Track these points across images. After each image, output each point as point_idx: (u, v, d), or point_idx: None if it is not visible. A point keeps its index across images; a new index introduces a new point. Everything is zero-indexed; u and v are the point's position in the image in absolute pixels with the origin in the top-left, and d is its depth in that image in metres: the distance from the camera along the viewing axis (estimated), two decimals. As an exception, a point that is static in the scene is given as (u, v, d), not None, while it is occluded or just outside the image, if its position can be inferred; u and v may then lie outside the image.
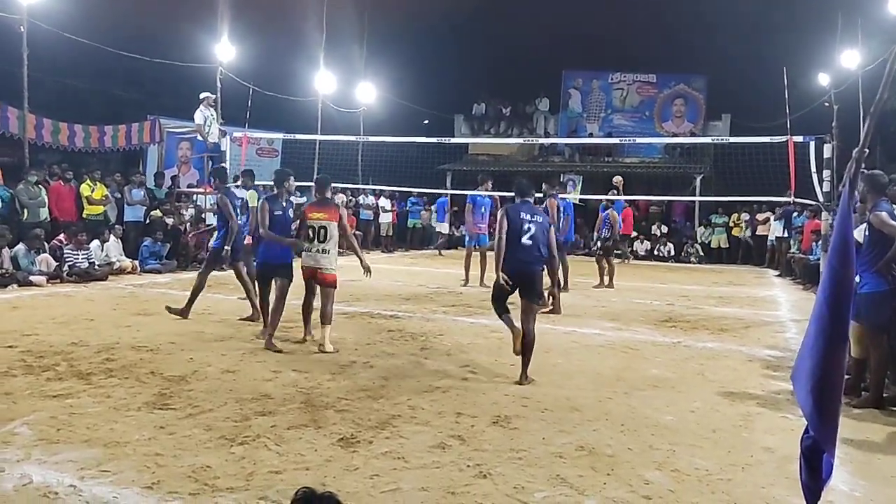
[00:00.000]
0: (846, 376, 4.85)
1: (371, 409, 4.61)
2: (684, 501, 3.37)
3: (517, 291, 5.56)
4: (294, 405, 4.64)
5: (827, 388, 1.67)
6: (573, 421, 4.55)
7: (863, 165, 1.72)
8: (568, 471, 3.69)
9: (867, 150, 1.73)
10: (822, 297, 1.71)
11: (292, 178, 7.08)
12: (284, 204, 6.83)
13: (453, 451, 3.91)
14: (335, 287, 6.56)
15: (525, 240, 5.46)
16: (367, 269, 6.55)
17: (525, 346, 5.44)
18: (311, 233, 6.43)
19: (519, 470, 3.68)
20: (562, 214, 10.12)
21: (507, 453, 3.91)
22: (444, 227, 18.61)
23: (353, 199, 18.35)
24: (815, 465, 1.75)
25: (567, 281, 10.59)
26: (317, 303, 6.64)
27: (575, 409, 4.79)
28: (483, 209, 11.57)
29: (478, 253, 11.47)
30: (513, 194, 6.01)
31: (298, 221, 6.79)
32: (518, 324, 5.52)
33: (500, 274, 5.47)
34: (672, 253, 18.86)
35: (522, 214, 5.54)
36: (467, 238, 11.85)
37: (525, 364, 5.46)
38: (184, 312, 7.53)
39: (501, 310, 5.70)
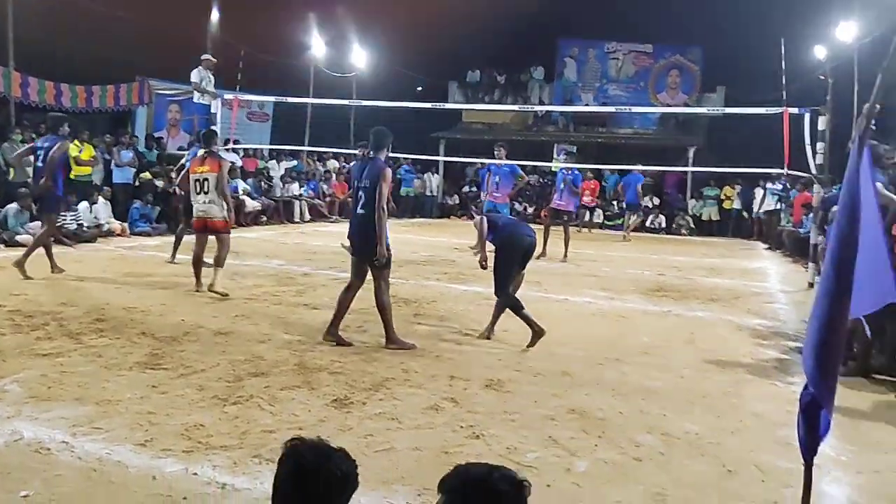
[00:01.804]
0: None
1: (364, 372, 4.62)
2: (674, 464, 3.41)
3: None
4: (287, 367, 4.64)
5: (829, 346, 1.68)
6: (565, 385, 4.58)
7: (872, 123, 1.71)
8: (560, 433, 3.72)
9: (878, 107, 1.71)
10: (829, 257, 1.70)
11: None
12: None
13: (446, 413, 3.94)
14: (228, 233, 7.14)
15: (510, 215, 5.87)
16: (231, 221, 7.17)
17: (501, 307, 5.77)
18: (196, 186, 6.97)
19: (511, 431, 3.71)
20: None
21: (500, 415, 3.94)
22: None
23: (346, 166, 18.23)
24: (813, 421, 1.76)
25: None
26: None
27: (567, 374, 4.82)
28: (498, 178, 11.22)
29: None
30: None
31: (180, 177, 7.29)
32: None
33: (497, 247, 5.78)
34: (663, 225, 18.89)
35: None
36: (485, 205, 11.68)
37: (496, 320, 5.82)
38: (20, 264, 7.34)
39: (514, 301, 5.61)
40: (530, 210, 19.26)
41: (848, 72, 13.43)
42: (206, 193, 6.97)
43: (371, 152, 5.58)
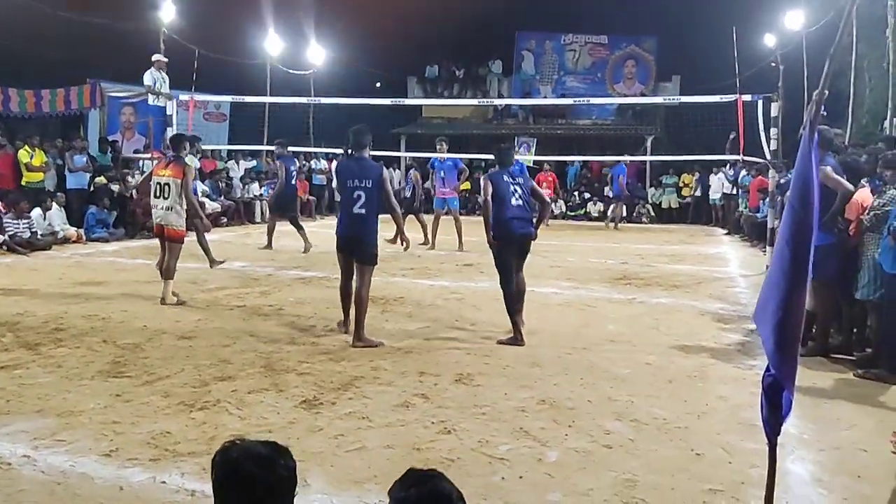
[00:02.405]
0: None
1: (333, 372, 4.58)
2: (643, 449, 3.46)
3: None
4: (254, 370, 4.58)
5: (788, 327, 1.72)
6: (534, 376, 4.61)
7: (822, 109, 1.75)
8: (530, 424, 3.74)
9: (826, 93, 1.76)
10: (783, 239, 1.74)
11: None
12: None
13: (417, 409, 3.93)
14: (181, 243, 6.82)
15: (514, 202, 5.61)
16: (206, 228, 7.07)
17: (519, 296, 5.74)
18: (157, 189, 6.69)
19: (483, 425, 3.72)
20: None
21: (471, 409, 3.95)
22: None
23: (306, 164, 18.04)
24: (776, 401, 1.80)
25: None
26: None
27: (535, 365, 4.85)
28: (442, 173, 11.50)
29: (450, 217, 11.41)
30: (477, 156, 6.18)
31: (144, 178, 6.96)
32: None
33: (492, 239, 5.63)
34: (624, 214, 19.13)
35: (506, 178, 5.71)
36: (435, 202, 11.85)
37: (520, 309, 5.71)
38: None
39: (512, 296, 5.62)
40: None
41: (798, 58, 13.76)
42: (165, 199, 6.68)
43: (352, 151, 5.60)
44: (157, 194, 6.73)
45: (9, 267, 8.53)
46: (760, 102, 10.23)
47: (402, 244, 5.91)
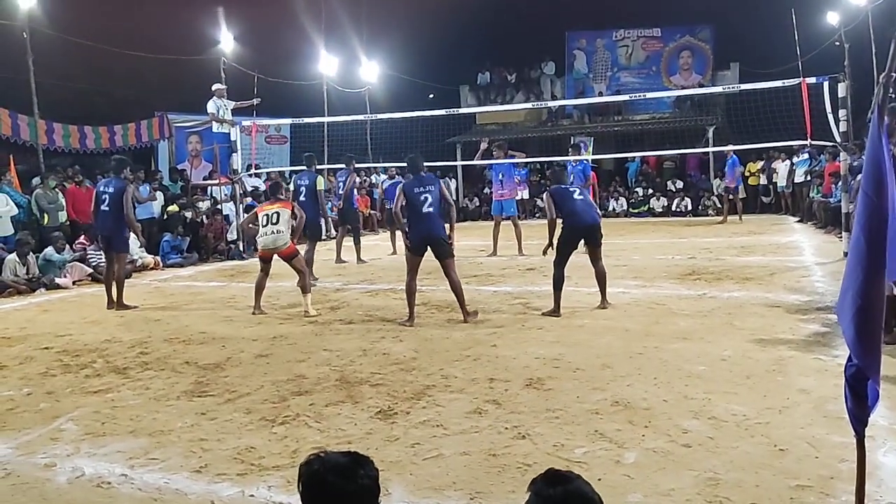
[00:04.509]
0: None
1: (405, 381, 4.66)
2: (724, 447, 3.39)
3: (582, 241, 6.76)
4: (329, 383, 4.70)
5: (868, 315, 1.68)
6: (606, 378, 4.57)
7: (891, 92, 1.70)
8: (606, 426, 3.71)
9: (894, 75, 1.70)
10: (858, 227, 1.70)
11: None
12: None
13: (490, 416, 3.96)
14: (297, 255, 7.59)
15: (577, 196, 6.72)
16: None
17: (600, 279, 6.79)
18: (265, 219, 7.38)
19: (557, 429, 3.72)
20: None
21: (544, 413, 3.94)
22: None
23: (366, 179, 18.36)
24: (861, 392, 1.75)
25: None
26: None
27: (607, 367, 4.81)
28: (500, 175, 11.60)
29: (509, 223, 11.45)
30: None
31: (247, 217, 7.97)
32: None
33: (560, 237, 6.68)
34: (689, 207, 18.71)
35: (568, 188, 6.86)
36: (492, 207, 12.11)
37: (603, 292, 6.81)
38: None
39: (560, 278, 6.56)
40: None
41: (864, 34, 13.19)
42: (274, 224, 7.36)
43: (411, 175, 6.82)
44: (265, 223, 7.42)
45: (94, 296, 9.00)
46: (826, 84, 9.85)
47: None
